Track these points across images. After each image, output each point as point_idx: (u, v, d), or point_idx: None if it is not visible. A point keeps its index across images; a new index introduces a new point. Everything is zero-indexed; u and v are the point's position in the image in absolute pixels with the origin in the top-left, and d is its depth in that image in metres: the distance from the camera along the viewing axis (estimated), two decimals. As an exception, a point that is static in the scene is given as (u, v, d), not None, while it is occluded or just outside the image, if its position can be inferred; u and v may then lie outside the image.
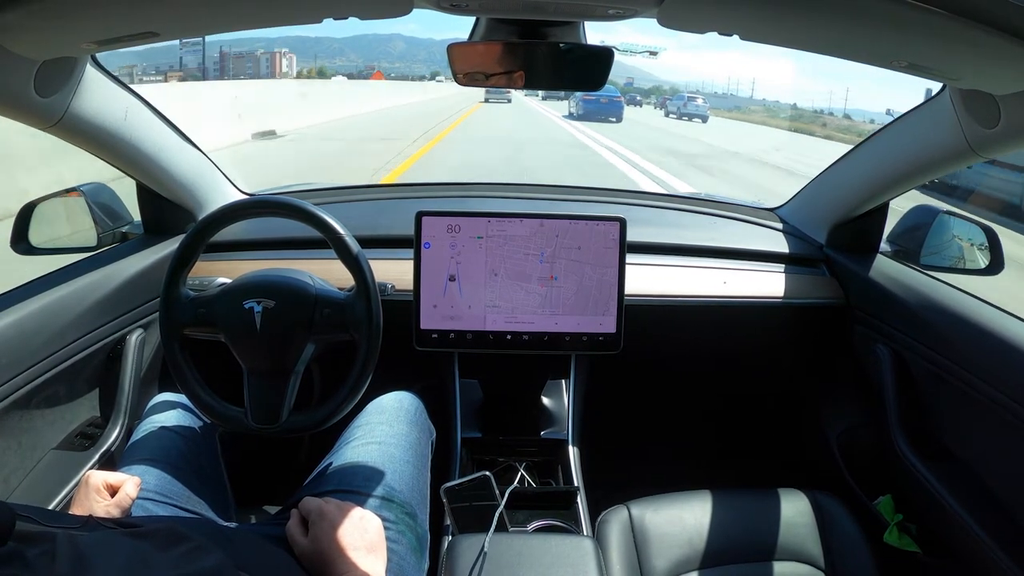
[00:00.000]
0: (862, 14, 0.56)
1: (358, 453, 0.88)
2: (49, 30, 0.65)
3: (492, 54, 0.82)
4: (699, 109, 23.88)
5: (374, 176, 6.66)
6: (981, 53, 0.60)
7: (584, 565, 0.72)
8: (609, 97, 18.29)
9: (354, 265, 0.86)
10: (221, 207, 0.90)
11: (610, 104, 18.01)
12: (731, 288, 1.20)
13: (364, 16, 0.68)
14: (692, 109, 23.71)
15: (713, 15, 0.64)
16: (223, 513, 0.87)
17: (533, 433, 1.14)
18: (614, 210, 1.32)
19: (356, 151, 8.82)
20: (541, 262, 1.01)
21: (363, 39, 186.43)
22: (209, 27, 0.73)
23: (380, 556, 0.69)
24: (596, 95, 17.44)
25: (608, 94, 18.38)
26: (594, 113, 17.43)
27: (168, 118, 1.08)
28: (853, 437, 1.21)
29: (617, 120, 17.55)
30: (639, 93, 51.77)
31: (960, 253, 1.13)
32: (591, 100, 17.54)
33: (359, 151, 8.79)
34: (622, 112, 18.51)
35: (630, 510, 0.94)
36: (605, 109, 17.65)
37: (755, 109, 48.85)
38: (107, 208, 1.13)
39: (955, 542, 0.92)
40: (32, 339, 0.85)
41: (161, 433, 0.89)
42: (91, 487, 0.70)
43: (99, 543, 0.42)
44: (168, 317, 0.87)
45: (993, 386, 0.87)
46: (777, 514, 0.96)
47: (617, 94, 20.73)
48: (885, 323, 1.11)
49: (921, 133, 0.97)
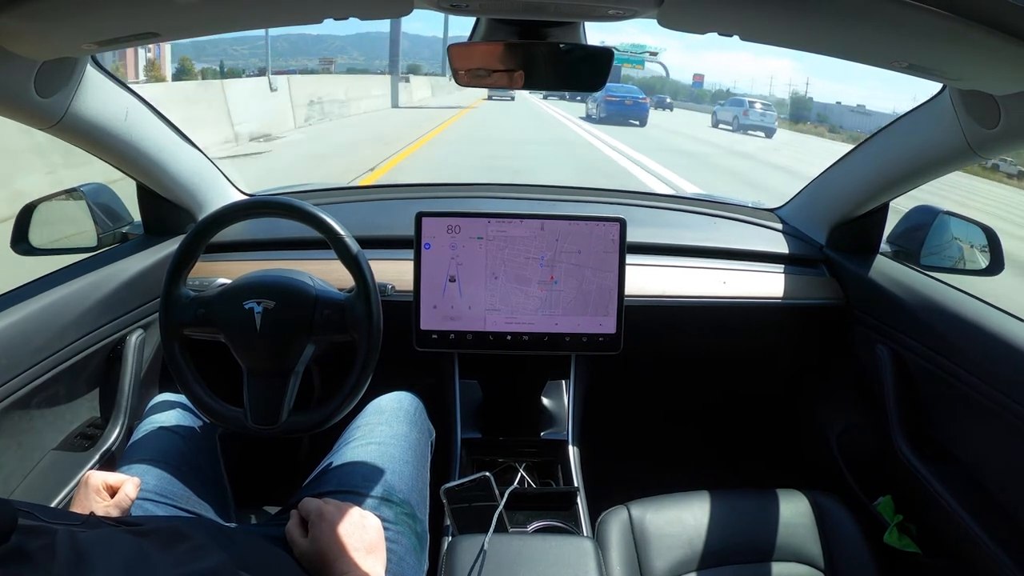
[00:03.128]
0: (862, 15, 0.56)
1: (358, 453, 0.88)
2: (49, 30, 0.65)
3: (492, 54, 0.82)
4: (764, 119, 18.63)
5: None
6: (981, 53, 0.60)
7: (584, 566, 0.72)
8: (634, 99, 16.76)
9: (354, 266, 0.86)
10: (221, 208, 0.90)
11: (635, 106, 16.49)
12: (731, 288, 1.20)
13: (364, 16, 0.68)
14: (755, 120, 18.53)
15: (713, 15, 0.64)
16: (223, 513, 0.87)
17: (533, 434, 1.14)
18: (614, 210, 1.32)
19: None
20: (541, 265, 1.01)
21: (366, 37, 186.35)
22: (209, 27, 0.73)
23: (380, 556, 0.69)
24: (620, 96, 16.31)
25: (632, 95, 16.96)
26: (617, 116, 15.98)
27: (168, 118, 1.08)
28: (853, 437, 1.21)
29: (641, 124, 16.11)
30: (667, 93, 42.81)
31: (960, 254, 1.13)
32: (614, 102, 16.18)
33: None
34: (647, 115, 16.82)
35: (630, 511, 0.94)
36: (629, 111, 16.27)
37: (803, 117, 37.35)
38: (107, 208, 1.13)
39: (955, 542, 0.92)
40: (32, 339, 0.85)
41: (161, 433, 0.89)
42: (91, 488, 0.70)
43: (100, 540, 0.42)
44: (168, 317, 0.87)
45: (993, 386, 0.87)
46: (777, 514, 0.96)
47: (642, 95, 17.90)
48: (885, 323, 1.11)
49: (921, 133, 0.97)
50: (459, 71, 0.82)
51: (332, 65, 47.81)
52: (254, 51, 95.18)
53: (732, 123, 19.02)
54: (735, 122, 18.87)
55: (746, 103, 19.62)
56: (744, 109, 19.04)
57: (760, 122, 18.54)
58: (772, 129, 18.60)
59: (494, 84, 0.84)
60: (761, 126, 18.51)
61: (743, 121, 18.58)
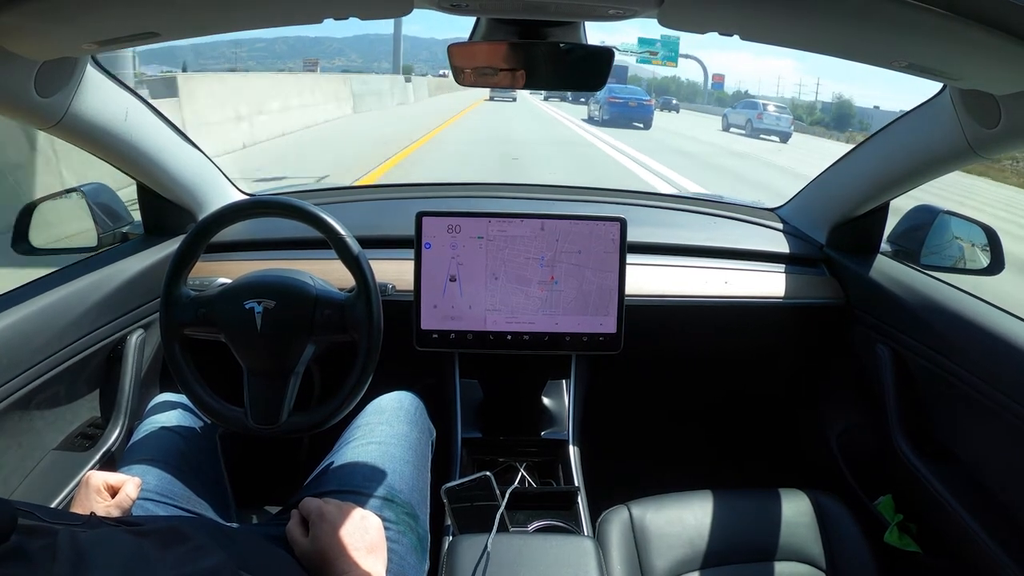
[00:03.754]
0: (862, 14, 0.56)
1: (358, 453, 0.88)
2: (49, 30, 0.65)
3: (492, 54, 0.82)
4: (779, 123, 17.73)
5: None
6: (981, 53, 0.60)
7: (584, 565, 0.72)
8: (638, 100, 16.40)
9: (354, 265, 0.86)
10: (221, 207, 0.90)
11: (639, 108, 16.08)
12: (732, 288, 1.20)
13: (365, 16, 0.68)
14: (769, 123, 17.64)
15: (713, 15, 0.64)
16: (223, 513, 0.87)
17: (533, 433, 1.14)
18: (615, 210, 1.32)
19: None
20: (541, 266, 1.01)
21: (364, 39, 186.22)
22: (209, 27, 0.73)
23: (380, 556, 0.69)
24: (624, 98, 15.96)
25: (637, 97, 16.65)
26: (620, 118, 15.61)
27: (168, 118, 1.08)
28: (853, 437, 1.21)
29: (645, 127, 15.71)
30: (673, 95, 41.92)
31: (960, 253, 1.13)
32: (618, 103, 15.81)
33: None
34: (652, 118, 16.37)
35: (631, 510, 0.94)
36: (633, 113, 15.90)
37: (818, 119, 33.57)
38: (107, 208, 1.13)
39: (955, 542, 0.92)
40: (32, 339, 0.85)
41: (161, 433, 0.89)
42: (91, 487, 0.70)
43: (100, 540, 0.42)
44: (168, 317, 0.87)
45: (993, 386, 0.87)
46: (777, 514, 0.96)
47: (646, 97, 17.56)
48: (885, 323, 1.11)
49: (921, 133, 0.97)
50: (461, 70, 0.82)
51: (317, 67, 47.02)
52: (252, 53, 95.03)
53: (745, 127, 18.20)
54: (748, 126, 18.08)
55: (760, 105, 18.82)
56: (758, 112, 18.20)
57: (775, 126, 17.72)
58: (788, 133, 17.80)
59: (495, 83, 0.84)
60: (776, 130, 17.71)
61: (757, 124, 17.79)
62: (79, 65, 0.81)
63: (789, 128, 17.93)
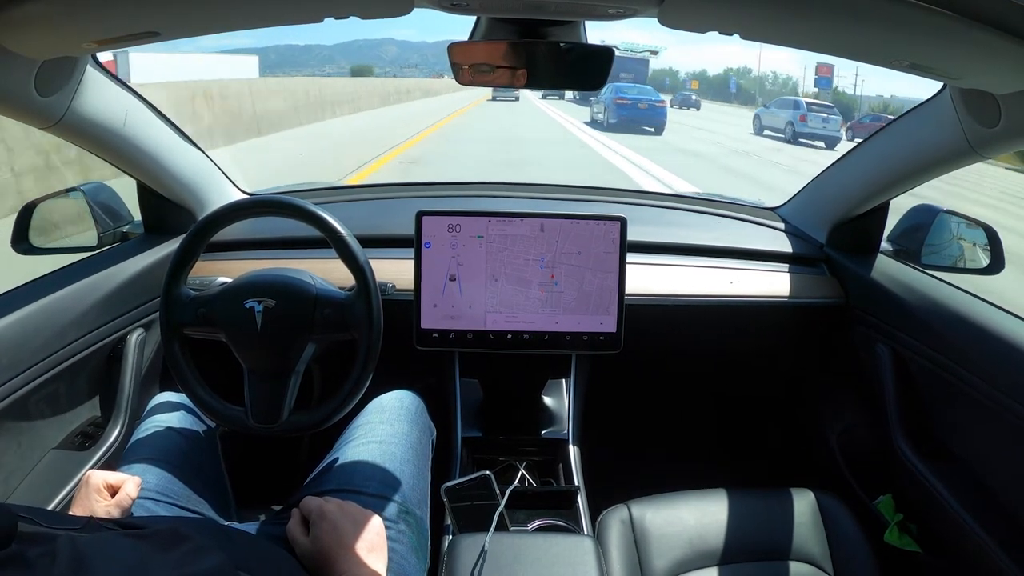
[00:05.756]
0: (863, 14, 0.56)
1: (358, 452, 0.88)
2: (49, 30, 0.65)
3: (492, 53, 0.81)
4: (827, 127, 14.39)
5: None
6: (981, 53, 0.60)
7: (584, 564, 0.72)
8: (649, 102, 13.91)
9: (354, 265, 0.86)
10: (222, 207, 0.90)
11: (650, 110, 13.69)
12: (733, 288, 1.20)
13: (365, 16, 0.68)
14: (816, 126, 14.37)
15: (714, 15, 0.64)
16: (223, 513, 0.87)
17: (533, 432, 1.14)
18: (615, 210, 1.32)
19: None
20: (541, 267, 1.01)
21: (353, 44, 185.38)
22: (210, 27, 0.73)
23: (381, 555, 0.69)
24: (632, 99, 13.77)
25: (647, 98, 14.16)
26: (629, 122, 13.39)
27: (169, 118, 1.08)
28: (853, 437, 1.21)
29: (657, 132, 13.44)
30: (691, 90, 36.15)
31: (960, 252, 1.13)
32: (626, 105, 13.55)
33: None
34: (665, 122, 13.89)
35: (630, 510, 0.94)
36: (643, 116, 13.63)
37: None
38: (107, 208, 1.13)
39: (955, 542, 0.92)
40: (32, 339, 0.85)
41: (162, 433, 0.89)
42: (91, 487, 0.70)
43: (99, 544, 0.42)
44: (168, 317, 0.87)
45: (993, 386, 0.87)
46: (778, 514, 0.96)
47: (659, 98, 14.81)
48: (885, 322, 1.11)
49: (921, 133, 0.97)
50: (460, 68, 0.82)
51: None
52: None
53: (784, 130, 15.06)
54: (788, 129, 14.92)
55: (803, 105, 15.29)
56: (802, 113, 14.76)
57: (822, 130, 14.41)
58: (836, 138, 14.51)
59: (494, 82, 0.84)
60: (823, 135, 14.40)
61: (800, 128, 14.59)
62: (79, 64, 0.81)
63: (838, 132, 14.77)
